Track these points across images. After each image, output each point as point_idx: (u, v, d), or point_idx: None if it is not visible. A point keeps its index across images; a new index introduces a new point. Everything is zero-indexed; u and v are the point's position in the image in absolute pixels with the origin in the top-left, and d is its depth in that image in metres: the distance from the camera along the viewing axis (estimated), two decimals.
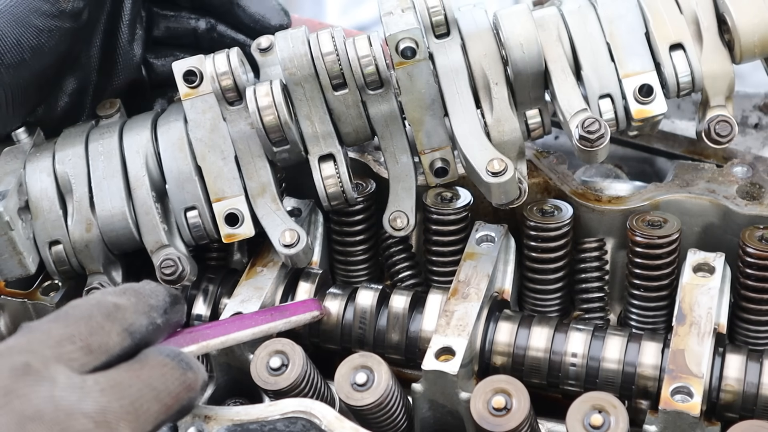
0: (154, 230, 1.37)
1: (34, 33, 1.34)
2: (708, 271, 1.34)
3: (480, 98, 1.36)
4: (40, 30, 1.34)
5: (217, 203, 1.37)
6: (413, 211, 1.40)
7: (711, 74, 1.34)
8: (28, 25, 1.33)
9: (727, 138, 1.35)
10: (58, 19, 1.35)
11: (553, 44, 1.35)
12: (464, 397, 1.25)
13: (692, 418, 1.19)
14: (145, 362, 1.04)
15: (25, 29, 1.33)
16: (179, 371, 1.05)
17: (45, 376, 0.95)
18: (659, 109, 1.33)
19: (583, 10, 1.37)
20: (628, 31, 1.35)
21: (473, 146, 1.32)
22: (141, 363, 1.04)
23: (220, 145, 1.37)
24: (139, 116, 1.45)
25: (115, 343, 1.04)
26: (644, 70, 1.34)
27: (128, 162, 1.39)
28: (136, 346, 1.07)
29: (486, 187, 1.31)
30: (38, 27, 1.34)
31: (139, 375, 1.02)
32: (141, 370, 1.03)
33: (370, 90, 1.35)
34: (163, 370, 1.04)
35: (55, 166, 1.39)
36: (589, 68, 1.35)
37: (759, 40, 1.33)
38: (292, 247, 1.35)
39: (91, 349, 1.01)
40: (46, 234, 1.38)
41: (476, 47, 1.36)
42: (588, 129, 1.29)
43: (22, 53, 1.33)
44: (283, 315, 1.32)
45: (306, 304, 1.36)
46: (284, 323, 1.32)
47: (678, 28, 1.34)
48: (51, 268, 1.39)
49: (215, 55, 1.37)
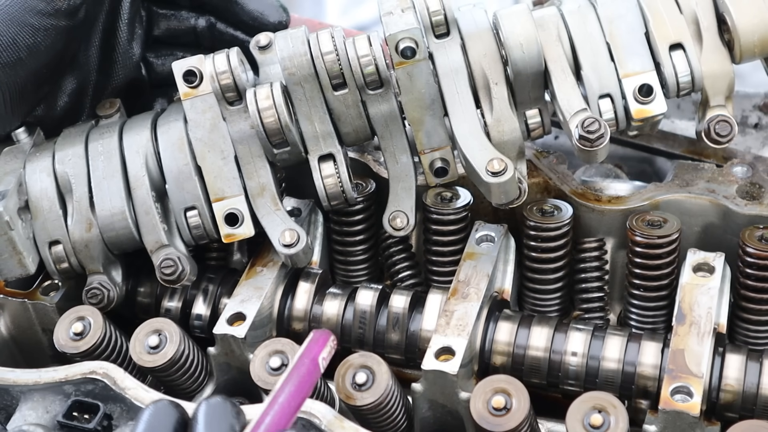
0: (154, 230, 1.37)
1: (30, 32, 1.33)
2: (708, 270, 1.34)
3: (480, 98, 1.36)
4: (36, 28, 1.34)
5: (216, 203, 1.37)
6: (413, 210, 1.40)
7: (711, 74, 1.34)
8: (23, 24, 1.33)
9: (727, 138, 1.35)
10: (54, 18, 1.35)
11: (553, 44, 1.35)
12: (464, 396, 1.25)
13: (692, 417, 1.19)
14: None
15: (20, 28, 1.33)
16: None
17: None
18: (659, 108, 1.33)
19: (583, 10, 1.37)
20: (628, 31, 1.35)
21: (473, 146, 1.32)
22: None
23: (219, 145, 1.37)
24: (139, 116, 1.45)
25: None
26: (644, 69, 1.34)
27: (128, 162, 1.39)
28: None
29: (486, 187, 1.31)
30: (34, 26, 1.33)
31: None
32: None
33: (369, 90, 1.35)
34: None
35: (55, 165, 1.40)
36: (589, 68, 1.34)
37: (759, 39, 1.33)
38: (292, 247, 1.35)
39: None
40: (46, 234, 1.38)
41: (476, 47, 1.36)
42: (588, 129, 1.29)
43: (18, 52, 1.33)
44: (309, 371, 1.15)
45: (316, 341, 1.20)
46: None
47: (678, 28, 1.34)
48: (51, 268, 1.39)
49: (215, 55, 1.37)
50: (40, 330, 1.45)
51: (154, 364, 1.30)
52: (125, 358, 1.36)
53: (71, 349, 1.33)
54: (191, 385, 1.34)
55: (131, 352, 1.31)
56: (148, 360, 1.30)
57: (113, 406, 1.23)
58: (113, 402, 1.23)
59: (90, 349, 1.33)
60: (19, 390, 1.25)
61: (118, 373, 1.24)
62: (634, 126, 1.36)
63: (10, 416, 1.25)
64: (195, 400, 1.34)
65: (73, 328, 1.34)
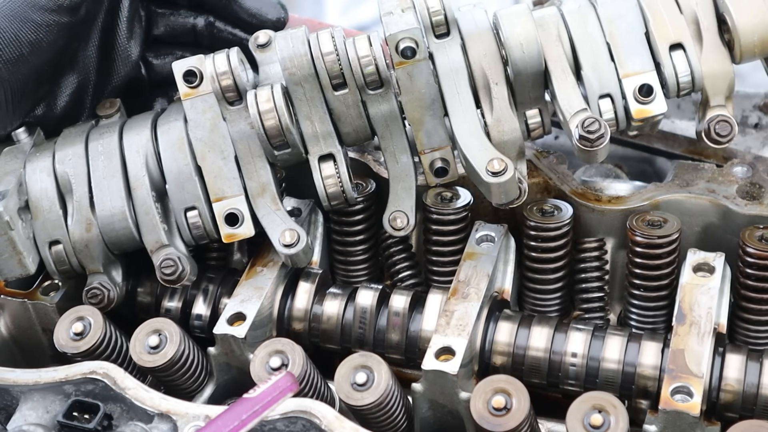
0: (154, 230, 1.37)
1: (33, 28, 1.33)
2: (708, 270, 1.34)
3: (480, 98, 1.36)
4: (38, 25, 1.34)
5: (217, 203, 1.37)
6: (413, 210, 1.40)
7: (711, 74, 1.34)
8: (26, 20, 1.33)
9: (727, 138, 1.36)
10: (56, 14, 1.35)
11: (553, 44, 1.35)
12: (464, 396, 1.25)
13: (692, 417, 1.19)
14: None
15: (23, 24, 1.33)
16: None
17: None
18: (659, 108, 1.33)
19: (583, 9, 1.37)
20: (628, 31, 1.35)
21: (473, 146, 1.32)
22: None
23: (220, 145, 1.37)
24: (139, 116, 1.45)
25: None
26: (644, 69, 1.34)
27: (128, 162, 1.39)
28: None
29: (486, 187, 1.31)
30: (36, 22, 1.34)
31: None
32: None
33: (370, 90, 1.35)
34: None
35: (55, 166, 1.40)
36: (589, 68, 1.34)
37: (759, 40, 1.33)
38: (292, 247, 1.35)
39: None
40: (46, 234, 1.38)
41: (476, 47, 1.36)
42: (588, 129, 1.29)
43: (20, 48, 1.33)
44: (254, 410, 1.19)
45: (278, 387, 1.22)
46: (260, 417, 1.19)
47: (678, 28, 1.34)
48: (51, 268, 1.39)
49: (215, 55, 1.37)
50: (40, 330, 1.45)
51: (155, 364, 1.30)
52: (125, 358, 1.36)
53: (71, 349, 1.33)
54: (191, 385, 1.35)
55: (131, 352, 1.31)
56: (148, 360, 1.30)
57: (113, 406, 1.23)
58: (113, 402, 1.23)
59: (90, 349, 1.33)
60: (20, 390, 1.25)
61: (119, 373, 1.24)
62: (634, 126, 1.36)
63: (10, 416, 1.25)
64: (195, 399, 1.34)
65: (74, 328, 1.34)
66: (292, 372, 1.24)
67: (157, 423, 1.20)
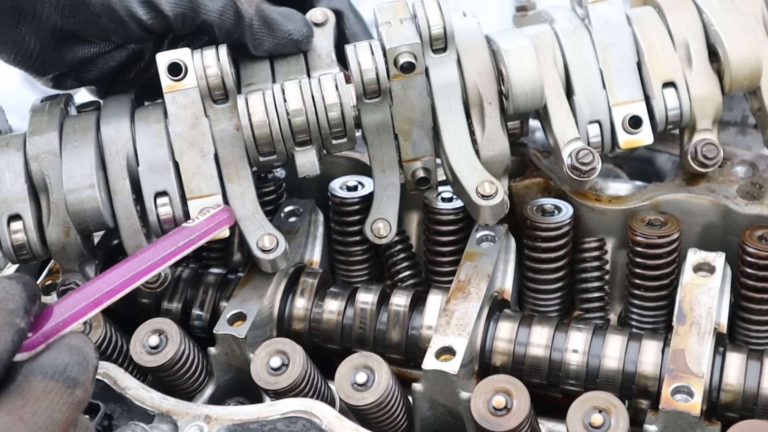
0: (135, 235, 1.32)
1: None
2: (708, 270, 1.34)
3: (471, 115, 1.36)
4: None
5: (192, 201, 1.32)
6: (396, 219, 1.39)
7: (700, 97, 1.38)
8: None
9: (714, 161, 1.41)
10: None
11: (549, 68, 1.36)
12: (464, 396, 1.25)
13: (692, 417, 1.19)
14: (28, 394, 0.92)
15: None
16: (66, 393, 0.94)
17: None
18: (646, 139, 1.37)
19: (578, 33, 1.38)
20: (621, 59, 1.38)
21: (463, 166, 1.32)
22: (23, 397, 0.92)
23: (199, 142, 1.33)
24: (116, 107, 1.38)
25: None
26: (633, 99, 1.37)
27: (108, 164, 1.33)
28: (4, 366, 0.94)
29: (475, 209, 1.31)
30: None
31: (22, 416, 0.90)
32: (24, 407, 0.91)
33: (366, 99, 1.33)
34: (49, 398, 0.93)
35: (28, 160, 1.32)
36: (582, 94, 1.37)
37: (749, 73, 1.37)
38: (271, 252, 1.32)
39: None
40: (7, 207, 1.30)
41: (472, 65, 1.35)
42: (581, 161, 1.31)
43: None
44: (190, 238, 1.25)
45: (216, 218, 1.29)
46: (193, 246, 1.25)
47: (672, 67, 1.37)
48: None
49: (204, 49, 1.33)
50: None
51: (155, 364, 1.30)
52: (125, 358, 1.36)
53: None
54: (192, 385, 1.34)
55: (131, 352, 1.30)
56: (148, 360, 1.30)
57: (113, 406, 1.23)
58: (113, 402, 1.23)
59: None
60: None
61: (119, 373, 1.24)
62: (618, 152, 1.40)
63: None
64: (195, 399, 1.34)
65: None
66: (230, 212, 1.31)
67: (157, 423, 1.20)
